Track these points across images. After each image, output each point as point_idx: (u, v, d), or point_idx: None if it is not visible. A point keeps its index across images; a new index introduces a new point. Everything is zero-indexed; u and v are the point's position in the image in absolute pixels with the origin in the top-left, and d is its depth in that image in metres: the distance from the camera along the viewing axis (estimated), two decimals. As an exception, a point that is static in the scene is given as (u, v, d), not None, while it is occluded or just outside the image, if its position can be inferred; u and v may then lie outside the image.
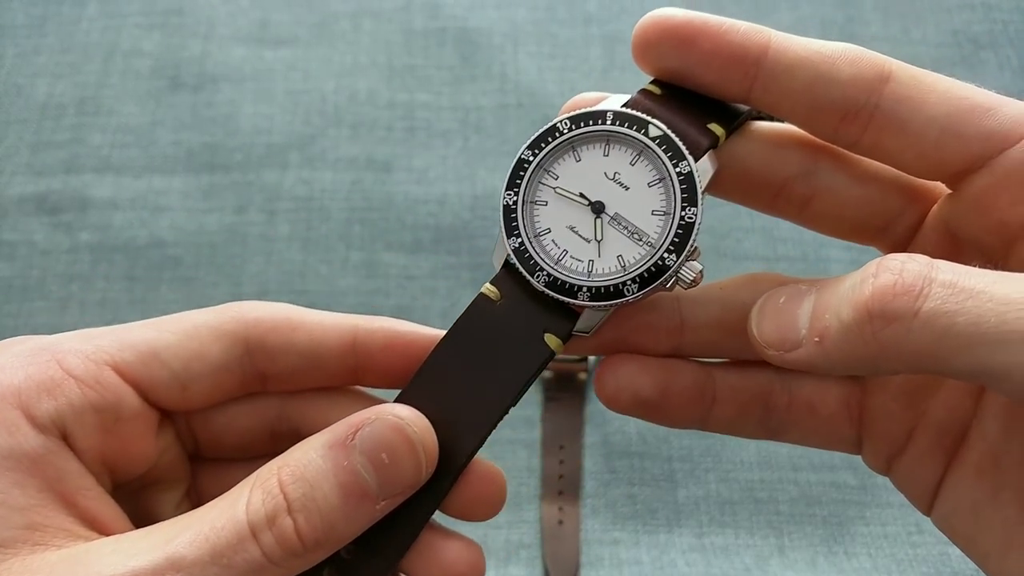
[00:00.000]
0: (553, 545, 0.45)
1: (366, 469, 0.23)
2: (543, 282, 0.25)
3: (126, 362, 0.25)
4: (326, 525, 0.22)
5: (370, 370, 0.27)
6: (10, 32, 0.61)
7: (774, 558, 0.45)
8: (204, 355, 0.26)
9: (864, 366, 0.22)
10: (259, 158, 0.56)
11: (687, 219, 0.25)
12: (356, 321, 0.27)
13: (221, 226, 0.54)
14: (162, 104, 0.58)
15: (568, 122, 0.26)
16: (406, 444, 0.24)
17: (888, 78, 0.23)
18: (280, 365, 0.27)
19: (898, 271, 0.21)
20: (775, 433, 0.28)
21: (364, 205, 0.55)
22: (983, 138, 0.23)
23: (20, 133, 0.57)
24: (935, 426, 0.26)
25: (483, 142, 0.57)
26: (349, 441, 0.23)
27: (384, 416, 0.24)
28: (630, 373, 0.26)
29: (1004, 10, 0.62)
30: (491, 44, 0.61)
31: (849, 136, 0.24)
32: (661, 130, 0.25)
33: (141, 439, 0.26)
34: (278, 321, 0.26)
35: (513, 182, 0.26)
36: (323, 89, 0.59)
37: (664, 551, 0.45)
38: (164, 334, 0.26)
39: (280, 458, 0.23)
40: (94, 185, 0.55)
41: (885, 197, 0.26)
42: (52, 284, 0.52)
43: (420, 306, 0.52)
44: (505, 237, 0.26)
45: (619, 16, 0.62)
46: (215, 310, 0.27)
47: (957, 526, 0.26)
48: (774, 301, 0.24)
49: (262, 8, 0.62)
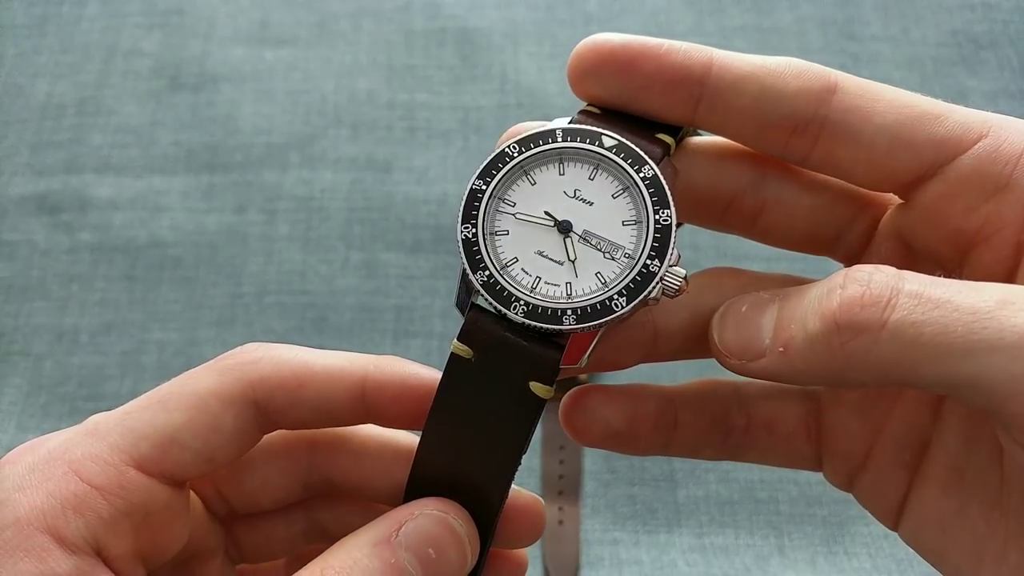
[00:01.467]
0: (553, 545, 0.45)
1: (413, 566, 0.23)
2: (522, 312, 0.23)
3: (144, 457, 0.24)
4: None
5: (382, 417, 0.26)
6: (10, 32, 0.61)
7: (774, 558, 0.45)
8: (220, 427, 0.25)
9: (829, 377, 0.22)
10: (259, 158, 0.56)
11: (662, 222, 0.23)
12: (365, 368, 0.26)
13: (221, 226, 0.54)
14: (162, 104, 0.58)
15: (516, 146, 0.24)
16: (452, 537, 0.23)
17: (835, 89, 0.23)
18: (291, 418, 0.26)
19: (865, 282, 0.21)
20: (735, 454, 0.28)
21: (364, 205, 0.55)
22: (934, 145, 0.23)
23: (20, 133, 0.57)
24: (894, 441, 0.26)
25: (483, 142, 0.57)
26: (393, 539, 0.23)
27: (427, 511, 0.23)
28: (597, 405, 0.26)
29: (1004, 10, 0.62)
30: (491, 44, 0.61)
31: (799, 151, 0.24)
32: (615, 139, 0.24)
33: (172, 524, 0.25)
34: (285, 378, 0.25)
35: (468, 214, 0.24)
36: (323, 89, 0.59)
37: (664, 551, 0.45)
38: (173, 414, 0.24)
39: (321, 559, 0.23)
40: (94, 185, 0.55)
41: (835, 206, 0.26)
42: (52, 284, 0.52)
43: (420, 306, 0.52)
44: (470, 272, 0.24)
45: (619, 16, 0.62)
46: (216, 371, 0.25)
47: (925, 541, 0.25)
48: (736, 309, 0.23)
49: (262, 8, 0.62)
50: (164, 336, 0.51)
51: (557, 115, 0.26)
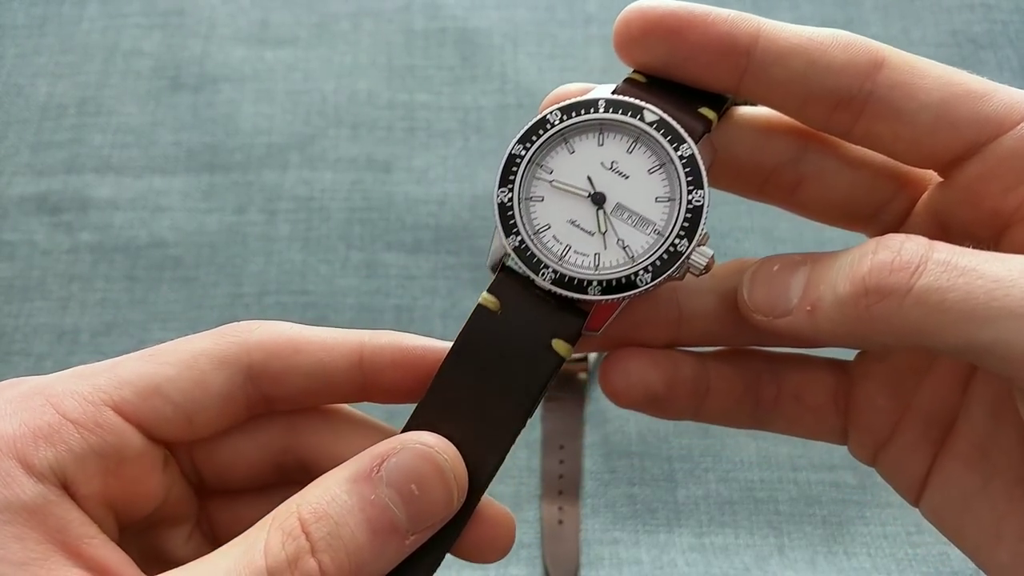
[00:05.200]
0: (553, 545, 0.45)
1: (394, 502, 0.22)
2: (549, 279, 0.24)
3: (126, 400, 0.24)
4: (354, 564, 0.21)
5: (378, 387, 0.26)
6: (10, 32, 0.61)
7: (774, 558, 0.45)
8: (206, 385, 0.24)
9: (852, 339, 0.22)
10: (259, 158, 0.56)
11: (695, 203, 0.24)
12: (362, 338, 0.26)
13: (221, 226, 0.54)
14: (162, 104, 0.58)
15: (558, 113, 0.25)
16: (436, 473, 0.22)
17: (882, 64, 0.23)
18: (285, 388, 0.25)
19: (896, 249, 0.21)
20: (762, 423, 0.28)
21: (364, 205, 0.55)
22: (977, 124, 0.23)
23: (20, 133, 0.57)
24: (922, 417, 0.26)
25: (483, 142, 0.57)
26: (375, 474, 0.22)
27: (411, 445, 0.22)
28: (640, 368, 0.26)
29: (1004, 10, 0.62)
30: (491, 44, 0.61)
31: (842, 124, 0.24)
32: (657, 115, 0.24)
33: (147, 478, 0.24)
34: (280, 344, 0.25)
35: (506, 179, 0.25)
36: (323, 89, 0.59)
37: (664, 551, 0.46)
38: (163, 367, 0.24)
39: (298, 496, 0.22)
40: (94, 185, 0.55)
41: (875, 183, 0.26)
42: (52, 284, 0.52)
43: (420, 306, 0.52)
44: (504, 236, 0.24)
45: (619, 16, 0.62)
46: (213, 335, 0.25)
47: (946, 517, 0.26)
48: (767, 268, 0.24)
49: (262, 8, 0.62)
50: (164, 336, 0.51)
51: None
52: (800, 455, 0.48)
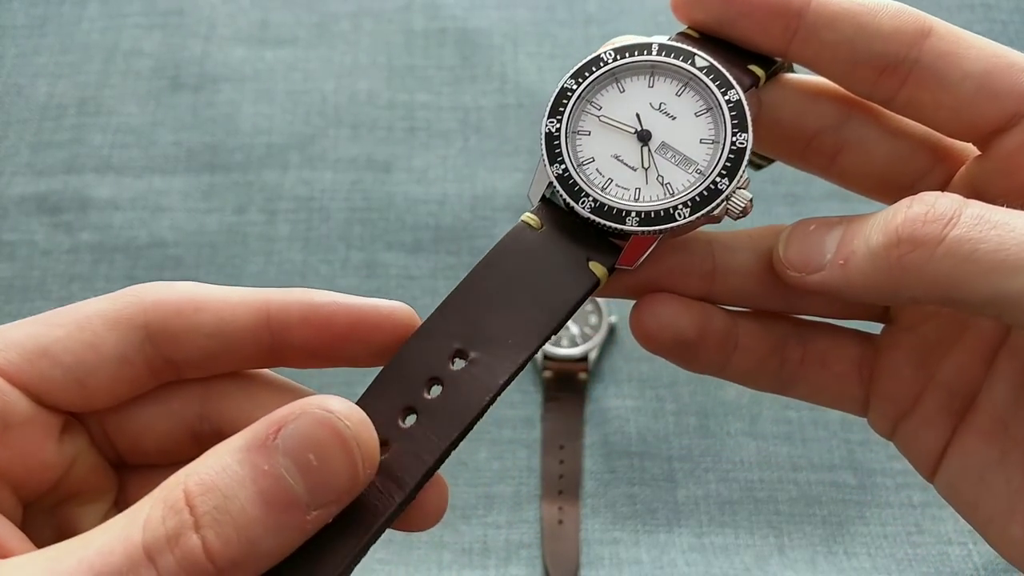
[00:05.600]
0: (553, 545, 0.45)
1: (291, 473, 0.19)
2: (589, 208, 0.24)
3: (10, 363, 0.22)
4: (244, 541, 0.19)
5: (290, 348, 0.24)
6: (10, 32, 0.61)
7: (774, 558, 0.45)
8: (98, 346, 0.23)
9: (883, 292, 0.22)
10: (259, 158, 0.56)
11: (739, 144, 0.24)
12: (268, 295, 0.24)
13: (221, 226, 0.54)
14: (162, 104, 0.58)
15: (613, 53, 0.25)
16: (337, 442, 0.20)
17: (929, 33, 0.24)
18: (186, 350, 0.24)
19: (931, 202, 0.22)
20: (785, 387, 0.28)
21: (364, 205, 0.55)
22: (1018, 95, 0.23)
23: (21, 133, 0.57)
24: (945, 388, 0.26)
25: (483, 142, 0.57)
26: (270, 441, 0.20)
27: (310, 410, 0.20)
28: (672, 311, 0.26)
29: (1004, 10, 0.62)
30: (491, 44, 0.61)
31: (886, 91, 0.24)
32: (708, 61, 0.25)
33: (39, 447, 0.23)
34: (181, 303, 0.24)
35: (556, 110, 0.25)
36: (323, 89, 0.59)
37: (664, 551, 0.46)
38: (52, 328, 0.23)
39: (189, 466, 0.20)
40: (94, 185, 0.55)
41: (914, 154, 0.26)
42: (52, 284, 0.52)
43: (420, 306, 0.51)
44: (548, 164, 0.25)
45: (619, 16, 0.62)
46: (111, 297, 0.24)
47: (961, 491, 0.26)
48: (803, 227, 0.24)
49: (262, 8, 0.62)
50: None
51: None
52: (800, 455, 0.48)
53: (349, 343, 0.25)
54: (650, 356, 0.51)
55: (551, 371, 0.49)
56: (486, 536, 0.46)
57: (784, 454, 0.48)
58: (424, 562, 0.45)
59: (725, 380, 0.28)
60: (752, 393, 0.49)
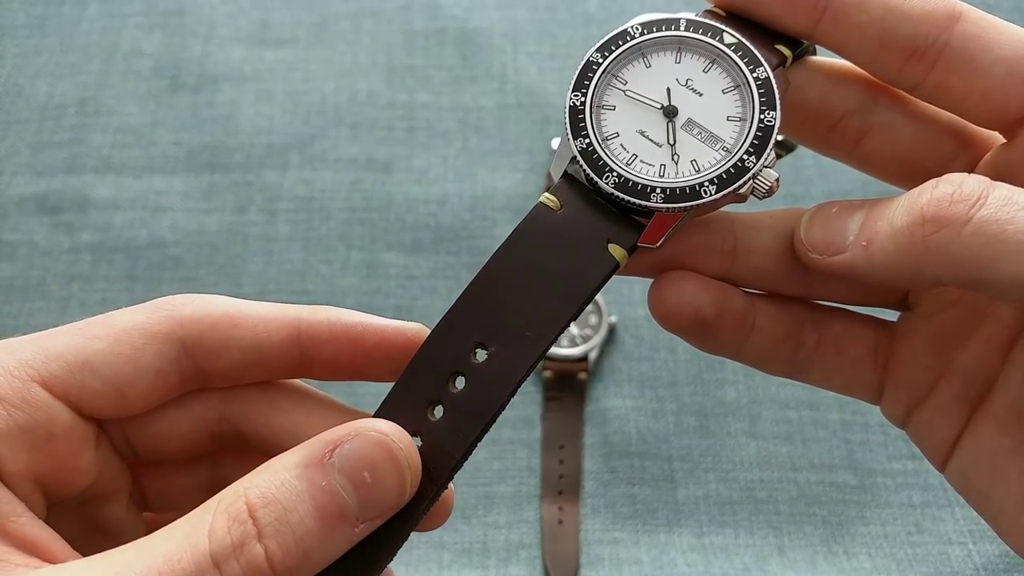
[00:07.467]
0: (553, 545, 0.45)
1: (346, 489, 0.21)
2: (612, 183, 0.24)
3: (54, 375, 0.23)
4: (301, 551, 0.20)
5: (317, 362, 0.26)
6: (10, 32, 0.61)
7: (774, 558, 0.45)
8: (137, 359, 0.24)
9: (906, 272, 0.22)
10: (259, 158, 0.56)
11: (767, 122, 0.24)
12: (299, 313, 0.25)
13: (221, 226, 0.54)
14: (162, 104, 0.58)
15: (640, 27, 0.25)
16: (390, 462, 0.22)
17: (959, 17, 0.23)
18: (220, 363, 0.25)
19: (957, 183, 0.22)
20: (800, 371, 0.28)
21: (364, 205, 0.55)
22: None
23: (20, 133, 0.57)
24: (961, 377, 0.26)
25: (483, 142, 0.57)
26: (327, 460, 0.21)
27: (366, 432, 0.22)
28: (693, 288, 0.25)
29: (1004, 10, 0.62)
30: (491, 44, 0.61)
31: (914, 76, 0.24)
32: (736, 38, 0.24)
33: (78, 455, 0.24)
34: (216, 318, 0.25)
35: (580, 83, 0.25)
36: (323, 89, 0.59)
37: (664, 551, 0.46)
38: (92, 341, 0.24)
39: (246, 479, 0.21)
40: (94, 185, 0.55)
41: (939, 140, 0.26)
42: (52, 284, 0.52)
43: (420, 306, 0.52)
44: (571, 138, 0.24)
45: (619, 16, 0.62)
46: (146, 308, 0.25)
47: (973, 480, 0.26)
48: (826, 209, 0.24)
49: (262, 8, 0.62)
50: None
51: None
52: (800, 455, 0.48)
53: (373, 360, 0.26)
54: (650, 356, 0.51)
55: (551, 371, 0.49)
56: (486, 536, 0.46)
57: (784, 454, 0.48)
58: (424, 562, 0.45)
59: (740, 363, 0.27)
60: (752, 393, 0.49)
